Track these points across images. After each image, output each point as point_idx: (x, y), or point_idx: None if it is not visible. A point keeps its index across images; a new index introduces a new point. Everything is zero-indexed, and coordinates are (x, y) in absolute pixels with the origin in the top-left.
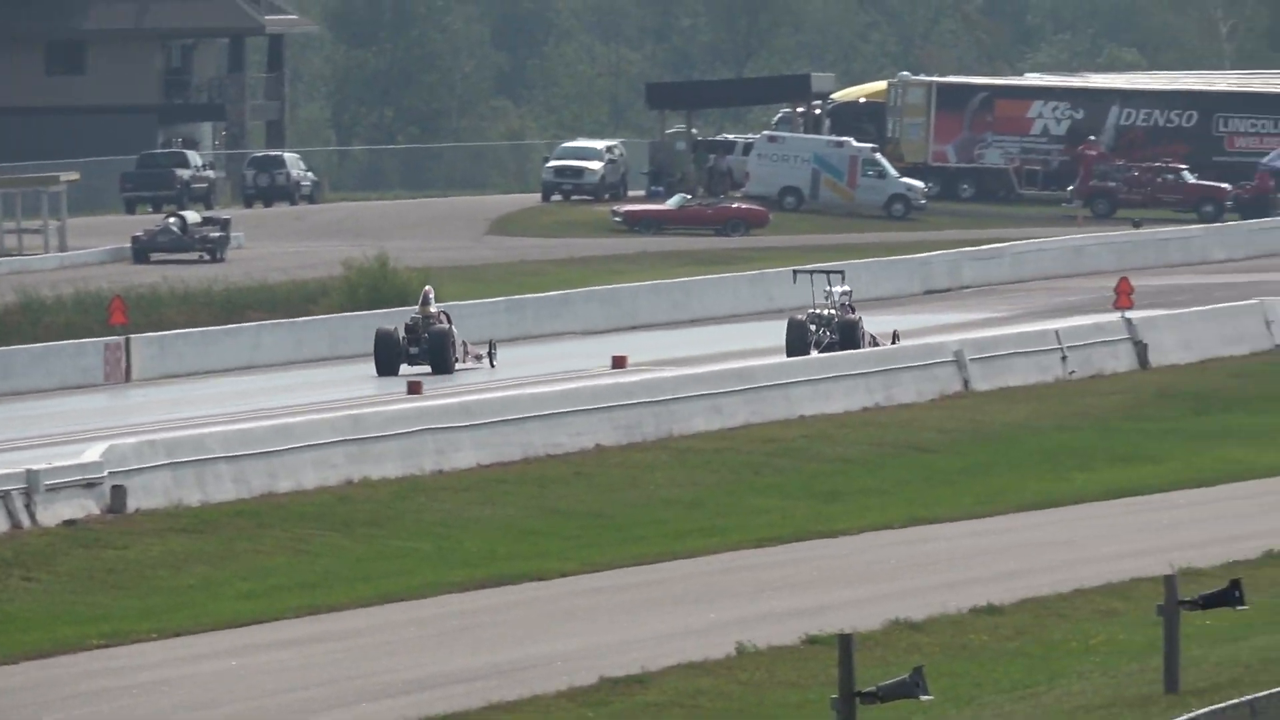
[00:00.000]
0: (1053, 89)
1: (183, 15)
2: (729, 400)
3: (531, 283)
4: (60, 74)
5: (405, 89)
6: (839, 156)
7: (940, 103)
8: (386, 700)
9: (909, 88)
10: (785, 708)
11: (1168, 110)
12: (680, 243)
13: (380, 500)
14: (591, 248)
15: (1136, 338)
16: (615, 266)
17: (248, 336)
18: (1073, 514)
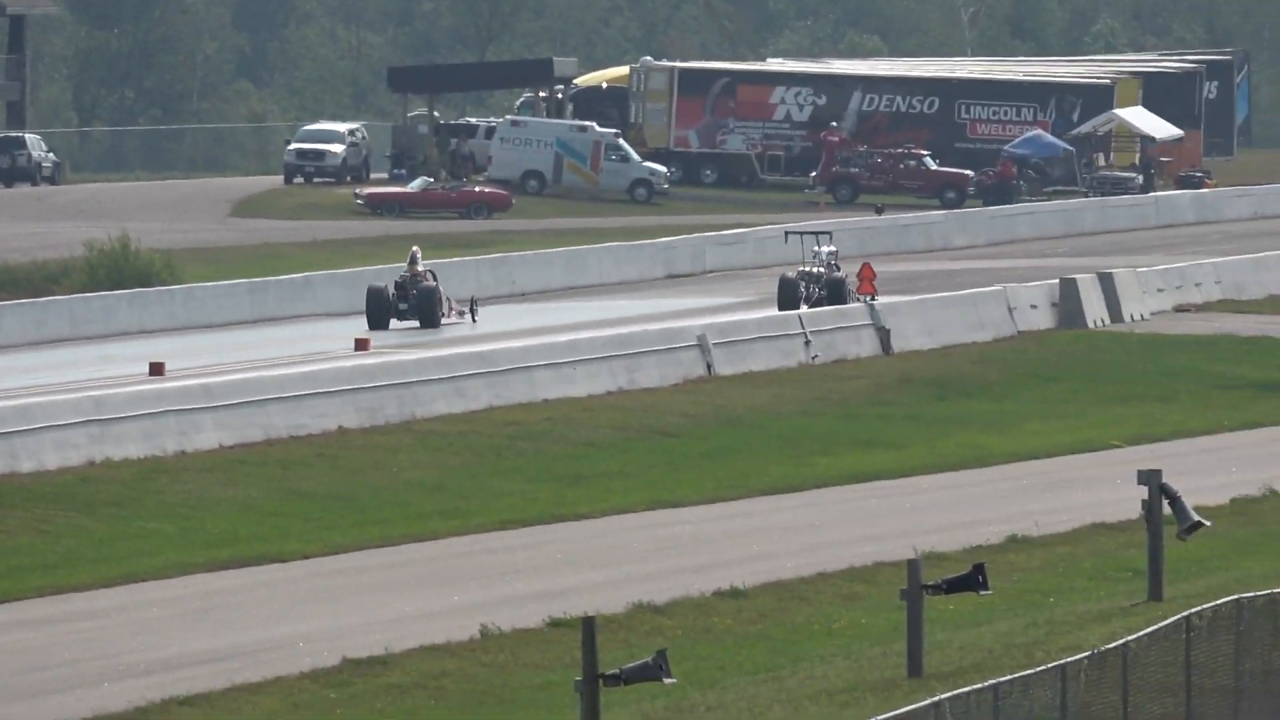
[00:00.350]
0: (795, 75)
1: None
2: (471, 383)
3: (274, 265)
4: None
5: (147, 70)
6: (582, 141)
7: (682, 88)
8: (129, 681)
9: (651, 73)
10: (529, 690)
11: (910, 97)
12: (423, 226)
13: (123, 481)
14: (334, 230)
15: (879, 323)
16: (357, 249)
17: None
18: (816, 498)
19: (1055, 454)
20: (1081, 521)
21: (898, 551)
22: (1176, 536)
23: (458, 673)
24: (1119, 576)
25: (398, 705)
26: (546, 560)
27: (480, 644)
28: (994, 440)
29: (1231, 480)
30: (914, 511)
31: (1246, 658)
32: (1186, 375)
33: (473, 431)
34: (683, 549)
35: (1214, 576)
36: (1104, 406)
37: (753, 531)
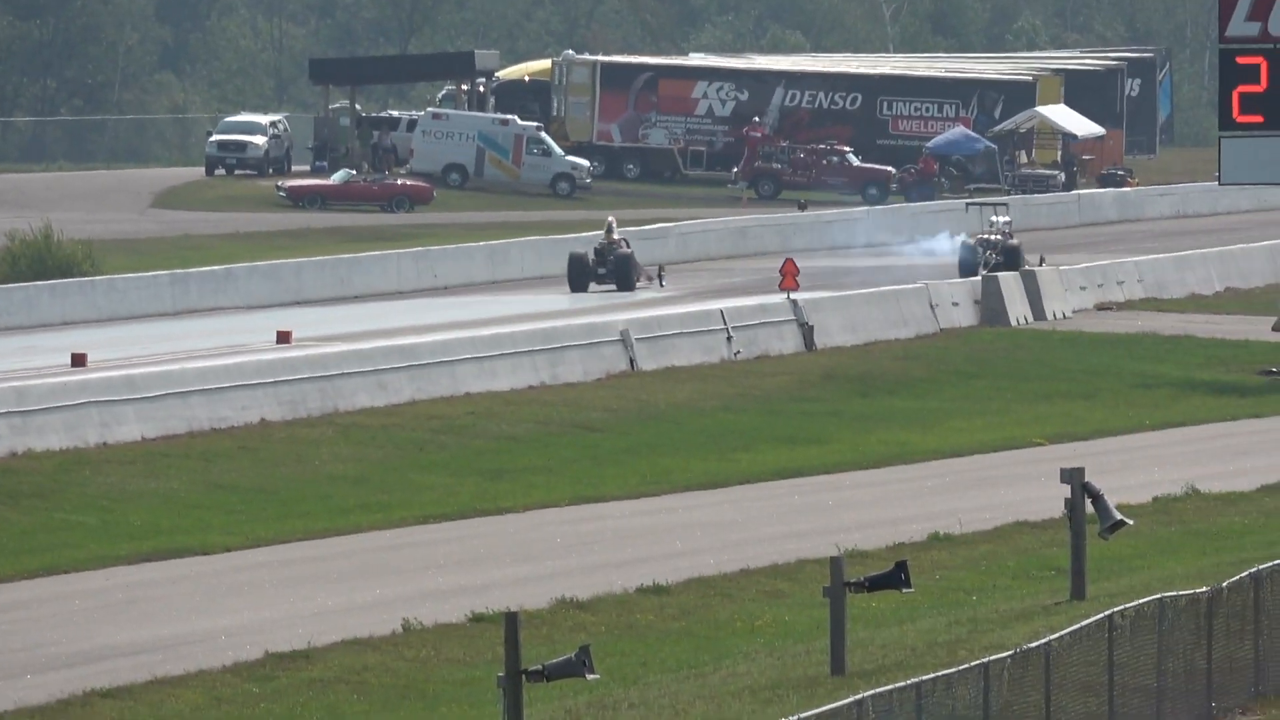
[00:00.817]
0: (717, 70)
1: None
2: (394, 376)
3: (195, 257)
4: None
5: (68, 61)
6: (504, 134)
7: (605, 82)
8: (51, 673)
9: (573, 67)
10: (452, 685)
11: (832, 93)
12: (345, 218)
13: (44, 472)
14: (256, 222)
15: (802, 319)
16: (279, 242)
17: None
18: (739, 494)
19: (978, 451)
20: (1004, 519)
21: (821, 548)
22: (1099, 535)
23: (380, 667)
24: (1042, 575)
25: (320, 699)
26: (469, 555)
27: (403, 639)
28: (917, 437)
29: (1154, 479)
30: (837, 508)
31: (1169, 657)
32: (1109, 374)
33: (395, 425)
34: (606, 544)
35: (1136, 575)
36: (1027, 404)
37: (676, 527)
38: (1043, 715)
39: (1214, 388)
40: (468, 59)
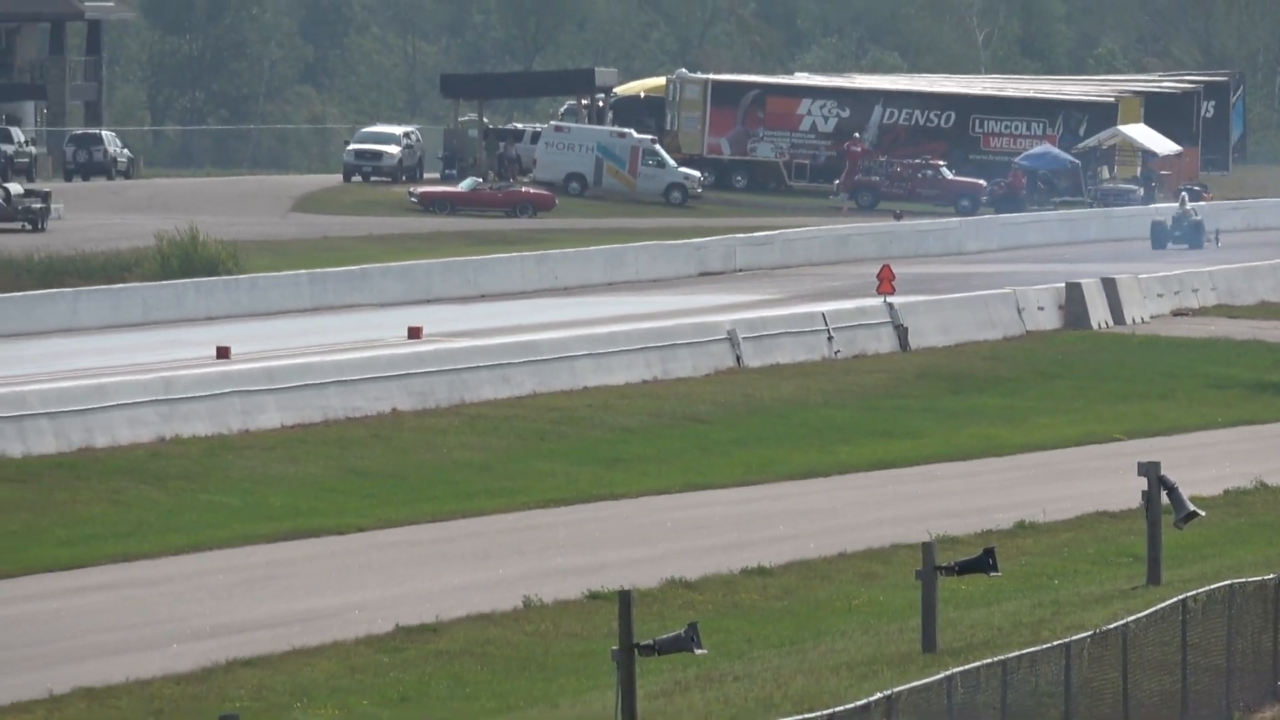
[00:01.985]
0: (820, 88)
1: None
2: (517, 370)
3: (333, 258)
4: None
5: (216, 74)
6: (621, 146)
7: (715, 99)
8: (196, 643)
9: (686, 84)
10: (569, 657)
11: (928, 111)
12: (472, 223)
13: (191, 456)
14: (389, 226)
15: (897, 321)
16: (411, 244)
17: (66, 302)
18: (837, 484)
19: (1061, 446)
20: (1085, 509)
21: (913, 534)
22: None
23: (502, 640)
24: (1120, 561)
25: (446, 670)
26: (586, 537)
27: (524, 614)
28: (1004, 432)
29: (1225, 473)
30: (929, 497)
31: (1238, 639)
32: (1183, 375)
33: (517, 416)
34: (713, 529)
35: (1208, 563)
36: (1106, 403)
37: (778, 514)
38: (1120, 692)
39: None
40: (588, 76)
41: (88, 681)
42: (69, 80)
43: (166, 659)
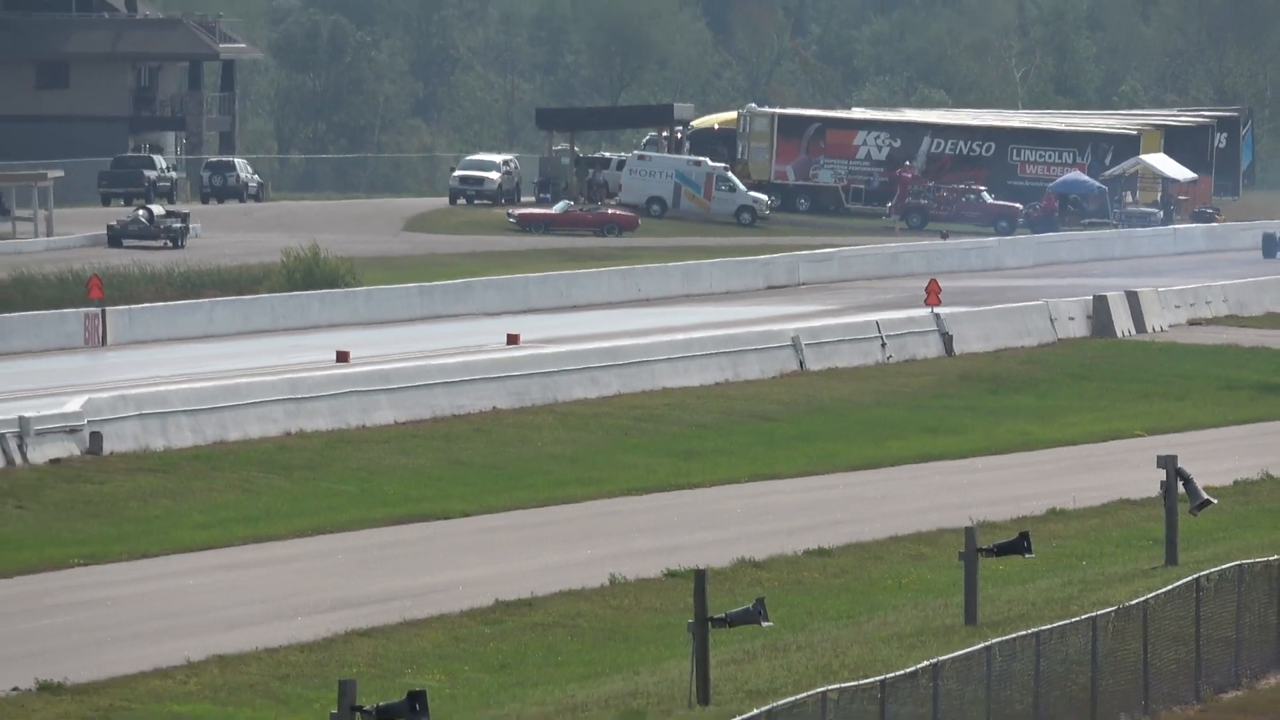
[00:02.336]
0: (875, 121)
1: (151, 42)
2: (603, 373)
3: (440, 272)
4: (48, 88)
5: (336, 108)
6: (697, 173)
7: (781, 130)
8: (318, 615)
9: (755, 118)
10: (649, 629)
11: (970, 141)
12: (564, 241)
13: (313, 449)
14: (490, 244)
15: (943, 329)
16: (509, 260)
17: (203, 311)
18: (889, 475)
19: (1088, 441)
20: (1110, 498)
21: (957, 520)
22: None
23: (590, 613)
24: (1141, 544)
25: (541, 640)
26: (664, 522)
27: (609, 590)
28: (1038, 429)
29: (1235, 466)
30: (970, 487)
31: (1246, 614)
32: (1198, 378)
33: (604, 413)
34: (778, 515)
35: (1219, 545)
36: (1129, 403)
37: (836, 501)
38: (1140, 661)
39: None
40: (667, 110)
41: (222, 650)
42: (206, 113)
43: (292, 630)
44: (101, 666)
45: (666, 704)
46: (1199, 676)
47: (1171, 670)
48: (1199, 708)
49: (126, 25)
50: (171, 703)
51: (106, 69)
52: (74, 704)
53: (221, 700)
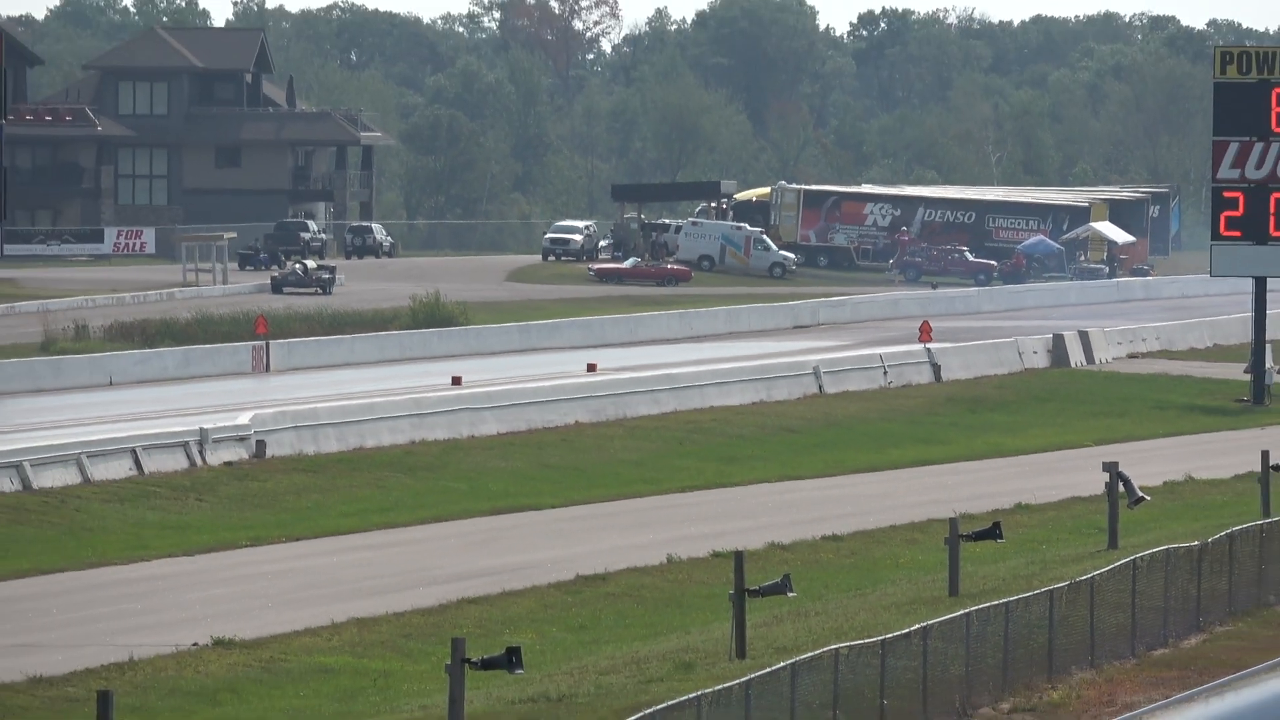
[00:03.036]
0: (880, 195)
1: (306, 131)
2: (663, 395)
3: (534, 314)
4: (225, 167)
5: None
6: (739, 236)
7: (805, 203)
8: (436, 587)
9: (785, 192)
10: (699, 598)
11: (956, 211)
12: (633, 290)
13: (432, 454)
14: (574, 292)
15: (933, 361)
16: (589, 305)
17: (345, 344)
18: (889, 476)
19: (1048, 450)
20: (1065, 495)
21: (943, 512)
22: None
23: (652, 586)
24: (1089, 532)
25: (612, 607)
26: (711, 513)
27: (667, 567)
28: (1008, 440)
29: (1164, 469)
30: (954, 486)
31: (1172, 588)
32: (1135, 400)
33: (663, 427)
34: (800, 508)
35: (1151, 533)
36: (1080, 419)
37: (847, 497)
38: (1088, 625)
39: (1205, 410)
40: (715, 186)
41: (358, 613)
42: (349, 187)
43: (415, 598)
44: (263, 626)
45: (712, 658)
46: (1134, 637)
47: (1112, 632)
48: (1134, 662)
49: (287, 118)
50: (319, 655)
51: (271, 152)
52: (242, 656)
53: (358, 654)
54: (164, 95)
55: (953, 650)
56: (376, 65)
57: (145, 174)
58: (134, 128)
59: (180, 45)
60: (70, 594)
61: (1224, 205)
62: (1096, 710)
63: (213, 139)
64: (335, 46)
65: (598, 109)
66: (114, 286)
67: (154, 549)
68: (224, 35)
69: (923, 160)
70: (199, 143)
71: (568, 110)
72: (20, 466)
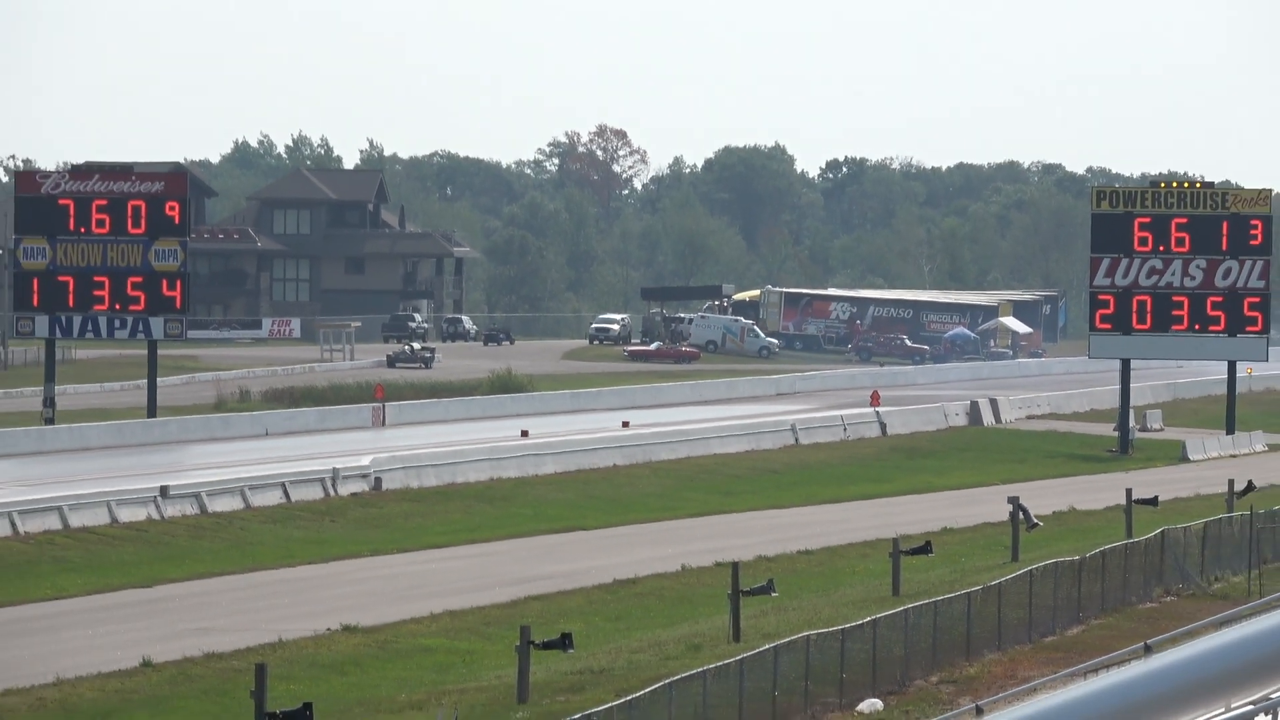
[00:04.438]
0: (841, 296)
1: (413, 246)
2: (678, 444)
3: (583, 384)
4: (352, 273)
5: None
6: (736, 326)
7: (786, 302)
8: (507, 587)
9: (771, 294)
10: (706, 597)
11: (898, 309)
12: (656, 367)
13: (505, 489)
14: (612, 368)
15: (881, 420)
16: (624, 377)
17: (441, 406)
18: (847, 507)
19: (966, 487)
20: (979, 520)
21: (888, 533)
22: (1025, 530)
23: (669, 587)
24: (996, 549)
25: (640, 603)
26: (714, 532)
27: (681, 573)
28: (937, 479)
29: (1053, 502)
30: (895, 514)
31: (1059, 590)
32: (1032, 450)
33: (679, 468)
34: (781, 530)
35: (1043, 550)
36: (991, 465)
37: (816, 522)
38: (996, 619)
39: (1084, 458)
40: (718, 289)
41: (450, 607)
42: (445, 288)
43: (492, 595)
44: (380, 615)
45: (714, 642)
46: (1031, 628)
47: (1014, 624)
48: (1031, 646)
49: (399, 236)
50: (421, 638)
51: (387, 262)
52: (363, 639)
53: (450, 637)
54: (307, 219)
55: (895, 636)
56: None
57: (293, 278)
58: (284, 244)
59: (319, 182)
60: (235, 591)
61: (1099, 305)
62: (1003, 682)
63: (343, 252)
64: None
65: (631, 230)
66: (269, 361)
67: (298, 558)
68: (352, 175)
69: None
70: (333, 255)
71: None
72: (199, 495)
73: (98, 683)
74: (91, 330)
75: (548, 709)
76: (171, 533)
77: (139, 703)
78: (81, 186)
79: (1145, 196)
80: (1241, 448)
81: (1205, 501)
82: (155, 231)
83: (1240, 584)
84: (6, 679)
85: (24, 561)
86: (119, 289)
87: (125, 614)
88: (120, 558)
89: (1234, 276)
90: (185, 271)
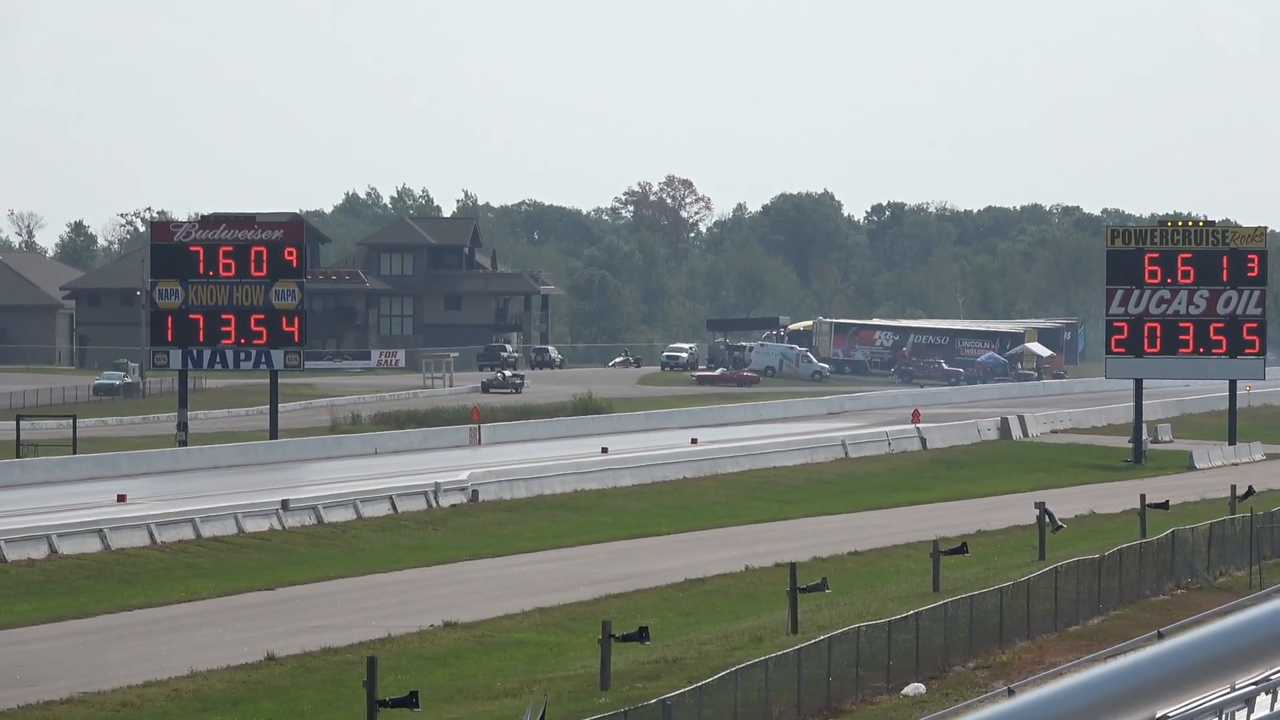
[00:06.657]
0: (885, 325)
1: (504, 285)
2: (741, 458)
3: (656, 405)
4: (451, 309)
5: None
6: (792, 353)
7: (836, 331)
8: (590, 586)
9: (822, 324)
10: (768, 594)
11: (935, 336)
12: (721, 390)
13: (587, 499)
14: (683, 391)
15: (922, 435)
16: (693, 400)
17: (530, 426)
18: (892, 513)
19: (998, 494)
20: (1010, 524)
21: (928, 536)
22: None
23: (737, 585)
24: (1025, 549)
25: (708, 600)
26: (775, 537)
27: (745, 574)
28: (972, 487)
29: (1075, 506)
30: (935, 518)
31: (1081, 585)
32: (1057, 461)
33: (740, 480)
34: (834, 534)
35: (1067, 549)
36: (1020, 474)
37: (864, 527)
38: (1025, 610)
39: (1102, 467)
40: (775, 320)
41: (540, 604)
42: (533, 322)
43: (576, 594)
44: (477, 612)
45: (775, 634)
46: (1057, 618)
47: (1041, 615)
48: (1056, 635)
49: (492, 276)
50: (514, 633)
51: (481, 299)
52: (463, 633)
53: (540, 631)
54: (410, 262)
55: (936, 628)
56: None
57: (398, 314)
58: (390, 284)
59: (420, 229)
60: (348, 592)
61: (1114, 331)
62: (1032, 667)
63: (442, 291)
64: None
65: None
66: (377, 389)
67: (405, 563)
68: (450, 222)
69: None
70: (433, 293)
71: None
72: (316, 508)
73: (227, 675)
74: (219, 362)
75: (627, 695)
76: (291, 541)
77: (264, 692)
78: (210, 235)
79: (1154, 234)
80: (1242, 457)
81: (1211, 505)
82: (275, 274)
83: (1243, 578)
84: (146, 672)
85: (161, 568)
86: (243, 325)
87: (251, 614)
88: (246, 564)
89: (1234, 305)
90: (302, 309)
